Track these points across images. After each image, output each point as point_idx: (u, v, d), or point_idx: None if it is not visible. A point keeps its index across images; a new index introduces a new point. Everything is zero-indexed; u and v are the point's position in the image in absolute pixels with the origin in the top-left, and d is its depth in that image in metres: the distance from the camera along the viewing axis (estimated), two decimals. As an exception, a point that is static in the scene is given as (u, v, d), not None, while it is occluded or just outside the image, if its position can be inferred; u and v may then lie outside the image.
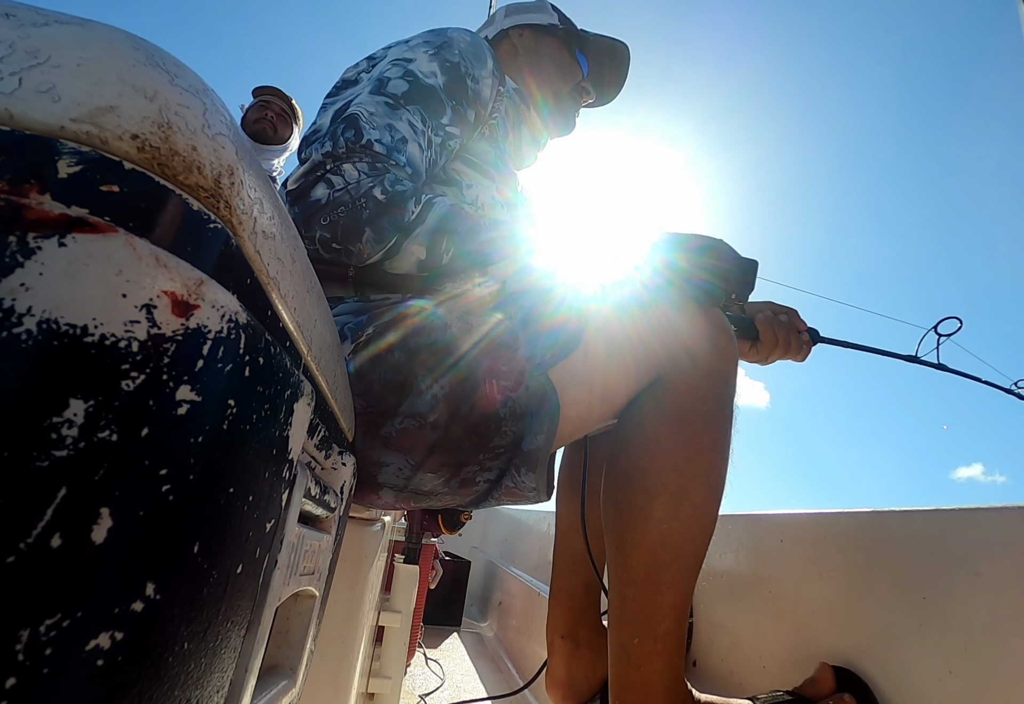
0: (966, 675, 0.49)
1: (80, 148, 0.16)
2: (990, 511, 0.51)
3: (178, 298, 0.16)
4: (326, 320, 0.33)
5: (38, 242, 0.15)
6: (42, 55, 0.16)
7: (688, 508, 0.56)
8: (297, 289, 0.26)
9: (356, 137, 0.59)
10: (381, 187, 0.58)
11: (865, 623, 0.61)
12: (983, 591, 0.50)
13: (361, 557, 0.65)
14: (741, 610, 0.80)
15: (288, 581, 0.28)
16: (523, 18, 0.90)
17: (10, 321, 0.14)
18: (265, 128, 1.79)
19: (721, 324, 0.62)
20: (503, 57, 0.88)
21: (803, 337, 0.78)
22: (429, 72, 0.67)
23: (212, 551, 0.18)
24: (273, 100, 1.82)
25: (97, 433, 0.14)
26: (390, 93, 0.64)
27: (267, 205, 0.22)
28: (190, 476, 0.17)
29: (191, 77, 0.19)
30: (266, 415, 0.21)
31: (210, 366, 0.17)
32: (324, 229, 0.58)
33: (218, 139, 0.19)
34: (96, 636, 0.14)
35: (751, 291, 0.67)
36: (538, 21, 0.89)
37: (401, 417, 0.57)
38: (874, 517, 0.63)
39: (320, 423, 0.33)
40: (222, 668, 0.21)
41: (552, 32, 0.89)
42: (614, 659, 0.58)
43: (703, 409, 0.58)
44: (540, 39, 0.89)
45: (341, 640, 0.60)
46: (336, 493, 0.38)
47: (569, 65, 0.90)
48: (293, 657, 0.35)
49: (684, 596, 0.57)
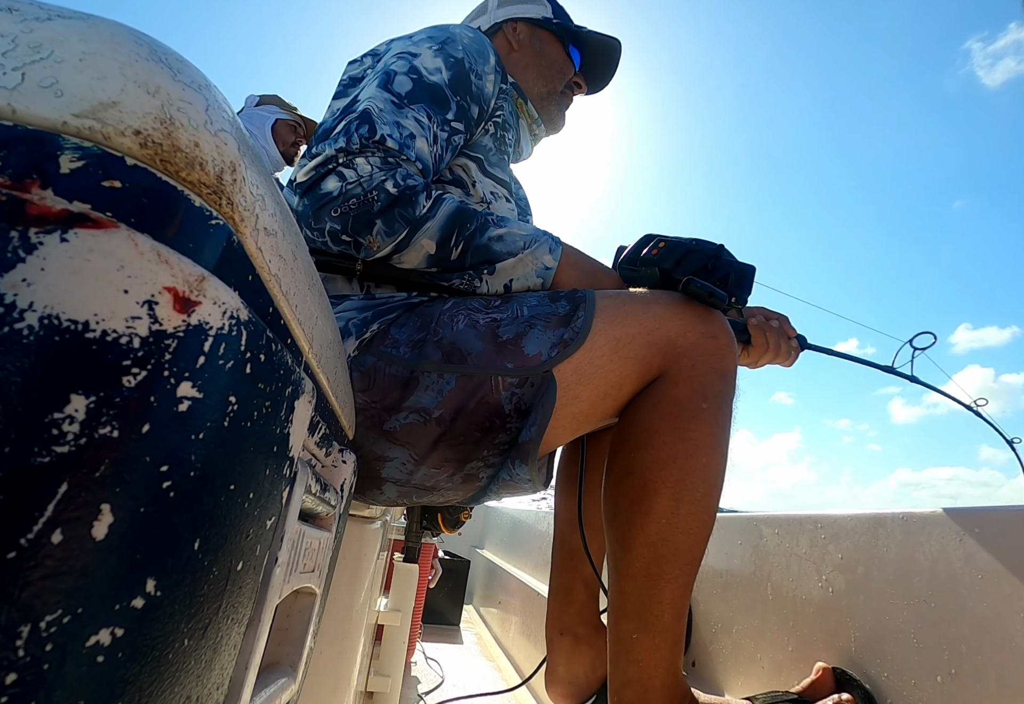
0: (966, 676, 0.49)
1: (82, 143, 0.16)
2: (991, 511, 0.51)
3: (179, 294, 0.16)
4: (327, 317, 0.33)
5: (40, 237, 0.15)
6: (45, 50, 0.16)
7: (688, 503, 0.56)
8: (299, 286, 0.26)
9: (370, 132, 0.59)
10: (393, 181, 0.58)
11: (864, 624, 0.61)
12: (984, 591, 0.50)
13: (361, 555, 0.65)
14: (741, 610, 0.80)
15: (288, 578, 0.28)
16: (517, 10, 0.88)
17: (11, 316, 0.14)
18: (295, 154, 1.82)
19: (722, 325, 0.62)
20: (498, 49, 0.86)
21: (792, 343, 0.79)
22: (433, 68, 0.67)
23: (212, 548, 0.18)
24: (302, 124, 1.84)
25: (98, 429, 0.14)
26: (395, 91, 0.64)
27: (269, 202, 0.22)
28: (191, 473, 0.17)
29: (194, 72, 0.19)
30: (267, 412, 0.21)
31: (211, 362, 0.17)
32: (334, 221, 0.58)
33: (220, 135, 0.19)
34: (96, 632, 0.14)
35: (749, 295, 0.67)
36: (532, 14, 0.87)
37: (406, 412, 0.57)
38: (874, 518, 0.63)
39: (321, 420, 0.33)
40: (222, 665, 0.21)
41: (546, 26, 0.87)
42: (613, 654, 0.58)
43: (703, 407, 0.58)
44: (535, 34, 0.87)
45: (341, 638, 0.60)
46: (336, 490, 0.38)
47: (563, 61, 0.88)
48: (293, 654, 0.35)
49: (683, 591, 0.57)
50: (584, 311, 0.60)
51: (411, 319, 0.61)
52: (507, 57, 0.86)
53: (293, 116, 1.83)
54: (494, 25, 0.88)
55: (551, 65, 0.87)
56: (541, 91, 0.87)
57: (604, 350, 0.59)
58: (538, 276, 0.65)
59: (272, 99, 1.85)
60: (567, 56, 0.89)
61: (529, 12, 0.87)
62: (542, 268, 0.65)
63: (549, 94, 0.88)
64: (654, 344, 0.59)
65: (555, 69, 0.88)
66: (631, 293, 0.64)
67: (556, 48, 0.88)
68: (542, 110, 0.88)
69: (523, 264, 0.64)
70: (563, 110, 0.91)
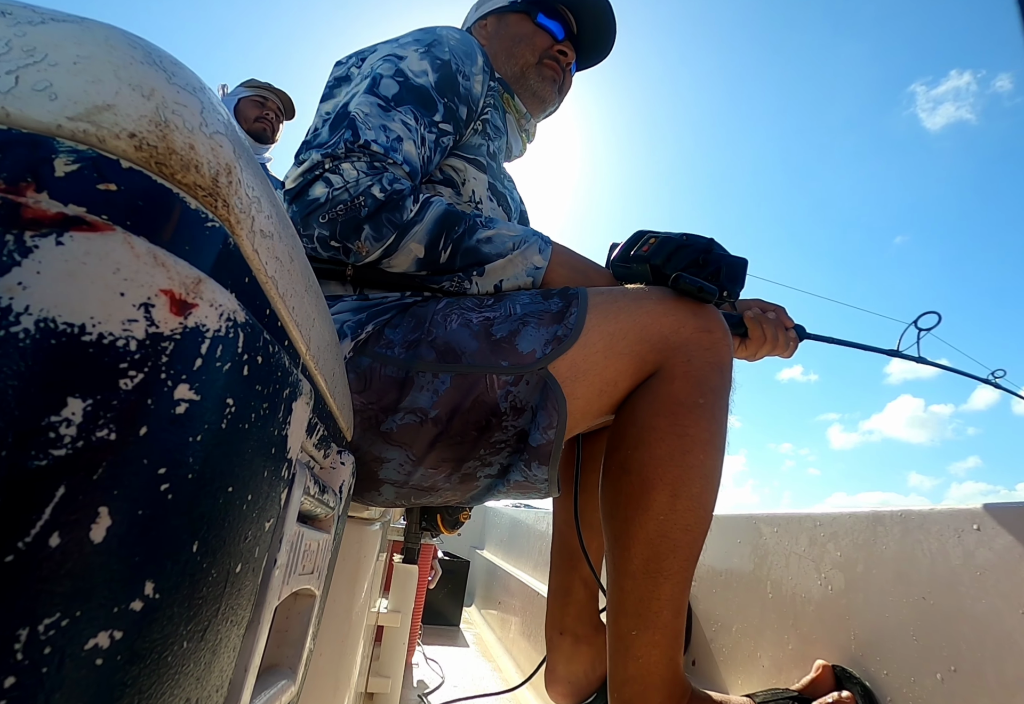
0: (966, 673, 0.49)
1: (77, 146, 0.16)
2: (990, 508, 0.52)
3: (176, 297, 0.16)
4: (324, 319, 0.33)
5: (35, 241, 0.15)
6: (39, 53, 0.16)
7: (685, 499, 0.56)
8: (295, 288, 0.26)
9: (354, 137, 0.59)
10: (380, 186, 0.58)
11: (864, 622, 0.61)
12: (983, 588, 0.50)
13: (360, 556, 0.65)
14: (740, 609, 0.80)
15: (287, 580, 0.28)
16: (487, 6, 0.87)
17: (7, 320, 0.14)
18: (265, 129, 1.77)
19: (716, 319, 0.62)
20: None
21: (790, 334, 0.79)
22: (420, 71, 0.67)
23: (211, 550, 0.18)
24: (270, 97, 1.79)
25: (96, 432, 0.14)
26: (382, 95, 0.64)
27: (265, 204, 0.22)
28: (189, 475, 0.17)
29: (188, 75, 0.19)
30: (265, 414, 0.21)
31: (208, 365, 0.17)
32: (322, 227, 0.58)
33: (216, 138, 0.19)
34: (95, 635, 0.14)
35: (742, 288, 0.67)
36: (499, 3, 0.86)
37: (402, 413, 0.57)
38: (873, 516, 0.63)
39: (319, 422, 0.33)
40: (221, 667, 0.21)
41: (513, 8, 0.85)
42: (612, 652, 0.58)
43: (700, 402, 0.58)
44: (501, 20, 0.86)
45: (340, 639, 0.60)
46: (335, 492, 0.38)
47: (532, 32, 0.85)
48: (292, 656, 0.35)
49: (682, 588, 0.57)
50: (577, 307, 0.60)
51: (405, 319, 0.61)
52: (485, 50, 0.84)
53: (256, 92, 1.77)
54: (468, 28, 0.89)
55: (519, 40, 0.84)
56: (515, 70, 0.84)
57: (598, 346, 0.59)
58: (528, 276, 0.65)
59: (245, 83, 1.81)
60: (537, 26, 0.85)
61: (497, 3, 0.86)
62: (532, 268, 0.65)
63: (524, 70, 0.84)
64: (648, 340, 0.60)
65: (524, 42, 0.84)
66: (623, 290, 0.64)
67: (523, 23, 0.85)
68: (523, 90, 0.85)
69: (512, 265, 0.64)
70: (547, 82, 0.86)
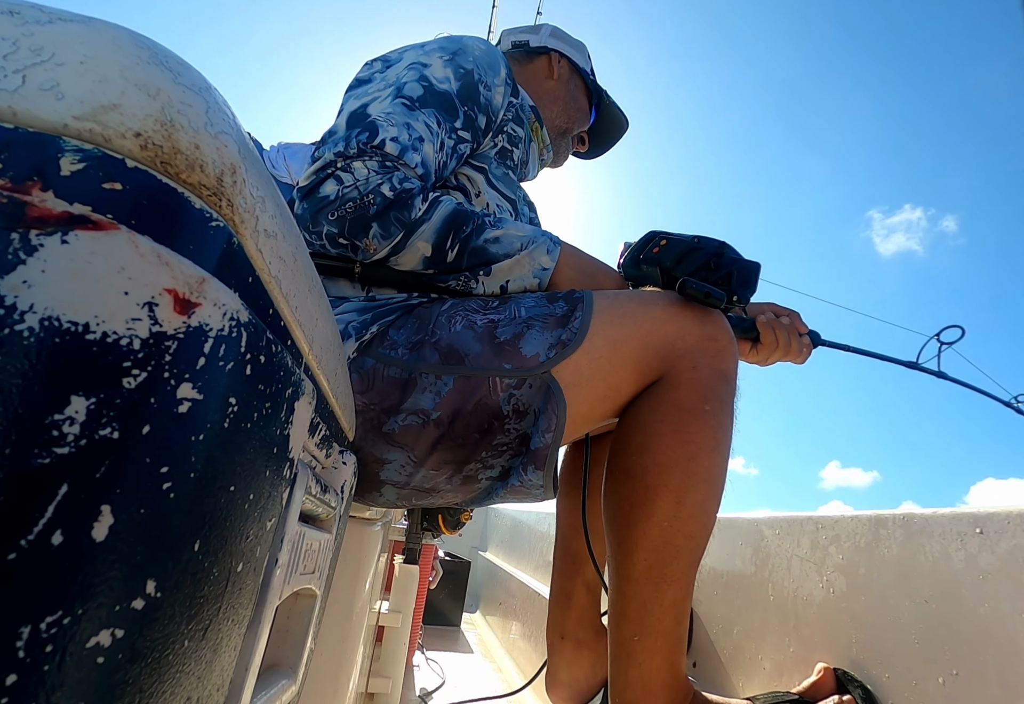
0: (968, 677, 0.49)
1: (83, 146, 0.16)
2: (993, 512, 0.51)
3: (180, 296, 0.16)
4: (327, 319, 0.33)
5: (40, 239, 0.15)
6: (45, 53, 0.16)
7: (689, 506, 0.56)
8: (299, 288, 0.26)
9: (369, 138, 0.60)
10: (390, 184, 0.58)
11: (866, 625, 0.61)
12: (986, 592, 0.50)
13: (361, 556, 0.65)
14: (742, 611, 0.80)
15: (289, 580, 0.28)
16: (566, 49, 0.95)
17: (12, 318, 0.14)
18: None
19: (722, 325, 0.62)
20: (535, 70, 0.92)
21: (804, 340, 0.78)
22: (443, 77, 0.68)
23: (213, 549, 0.18)
24: None
25: (99, 430, 0.14)
26: (407, 95, 0.65)
27: (269, 203, 0.22)
28: (191, 474, 0.17)
29: (194, 75, 0.19)
30: (267, 413, 0.21)
31: (211, 364, 0.17)
32: (332, 224, 0.59)
33: (221, 137, 0.19)
34: (97, 633, 0.14)
35: (753, 293, 0.67)
36: (577, 60, 0.95)
37: (404, 414, 0.57)
38: (875, 519, 0.63)
39: (321, 422, 0.33)
40: (222, 666, 0.21)
41: (584, 76, 0.96)
42: (614, 657, 0.58)
43: (705, 408, 0.58)
44: (573, 75, 0.95)
45: (341, 639, 0.60)
46: (336, 492, 0.38)
47: (585, 113, 0.97)
48: (293, 656, 0.35)
49: (685, 593, 0.57)
50: (582, 312, 0.60)
51: (409, 321, 0.61)
52: (542, 81, 0.92)
53: None
54: (542, 47, 0.94)
55: (578, 109, 0.95)
56: (561, 125, 0.93)
57: (602, 351, 0.59)
58: (535, 277, 0.65)
59: None
60: (590, 109, 0.97)
61: (575, 57, 0.95)
62: (539, 269, 0.65)
63: (566, 132, 0.95)
64: (652, 346, 0.59)
65: (580, 114, 0.95)
66: (630, 294, 0.64)
67: (584, 98, 0.96)
68: (555, 142, 0.94)
69: (520, 265, 0.64)
70: (568, 152, 0.98)
